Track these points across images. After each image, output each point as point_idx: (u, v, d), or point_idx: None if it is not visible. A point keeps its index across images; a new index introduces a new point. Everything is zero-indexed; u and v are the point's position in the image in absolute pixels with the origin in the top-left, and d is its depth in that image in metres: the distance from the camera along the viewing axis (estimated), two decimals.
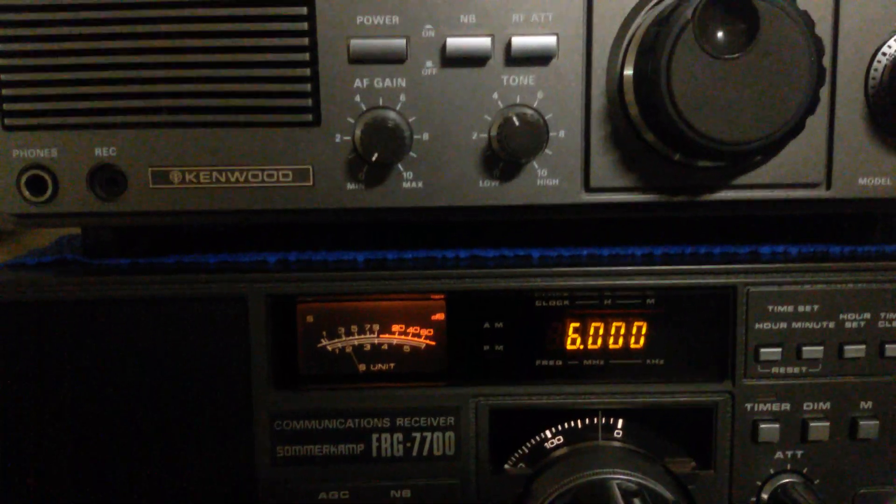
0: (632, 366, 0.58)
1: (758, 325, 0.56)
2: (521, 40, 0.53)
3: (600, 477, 0.54)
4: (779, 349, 0.56)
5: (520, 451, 0.58)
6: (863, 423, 0.57)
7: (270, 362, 0.56)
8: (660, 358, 0.57)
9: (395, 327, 0.57)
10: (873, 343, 0.57)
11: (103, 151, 0.55)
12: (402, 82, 0.54)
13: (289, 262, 0.60)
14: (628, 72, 0.53)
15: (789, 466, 0.58)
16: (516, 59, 0.54)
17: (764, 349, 0.56)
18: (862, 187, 0.56)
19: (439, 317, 0.57)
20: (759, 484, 0.58)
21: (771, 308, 0.56)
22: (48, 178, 0.55)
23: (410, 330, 0.57)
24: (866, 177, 0.56)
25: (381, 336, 0.57)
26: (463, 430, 0.57)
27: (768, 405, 0.57)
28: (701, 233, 0.66)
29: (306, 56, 0.54)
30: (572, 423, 0.58)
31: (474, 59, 0.54)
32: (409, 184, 0.55)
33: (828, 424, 0.57)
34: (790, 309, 0.56)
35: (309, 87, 0.54)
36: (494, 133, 0.54)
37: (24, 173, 0.55)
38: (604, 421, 0.58)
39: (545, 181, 0.55)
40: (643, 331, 0.57)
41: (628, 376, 0.58)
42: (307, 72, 0.54)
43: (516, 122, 0.53)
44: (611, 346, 0.57)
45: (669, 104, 0.49)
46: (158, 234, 0.63)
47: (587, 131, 0.55)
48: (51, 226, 0.58)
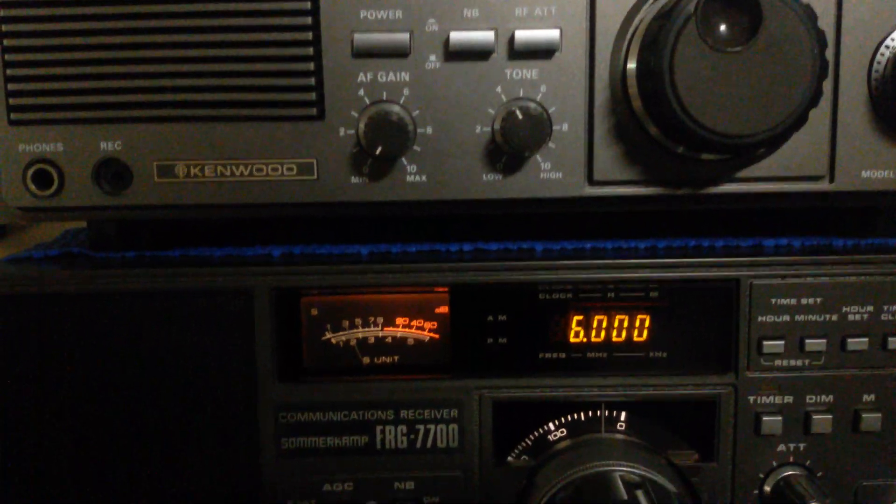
0: (635, 358, 0.58)
1: (761, 318, 0.56)
2: (525, 34, 0.53)
3: (603, 469, 0.55)
4: (782, 342, 0.57)
5: (523, 444, 0.58)
6: (865, 415, 0.57)
7: (275, 355, 0.57)
8: (663, 351, 0.58)
9: (399, 320, 0.57)
10: (876, 336, 0.57)
11: (109, 145, 0.55)
12: (405, 76, 0.54)
13: (293, 255, 0.60)
14: (631, 65, 0.53)
15: (792, 459, 0.58)
16: (519, 52, 0.54)
17: (767, 342, 0.56)
18: (865, 180, 0.56)
19: (443, 310, 0.57)
20: (761, 476, 0.58)
21: (774, 301, 0.56)
22: (54, 172, 0.55)
23: (414, 323, 0.57)
24: (869, 169, 0.56)
25: (385, 329, 0.58)
26: (466, 423, 0.58)
27: (771, 398, 0.57)
28: (704, 226, 0.66)
29: (310, 50, 0.54)
30: (575, 416, 0.58)
31: (478, 53, 0.54)
32: (412, 177, 0.55)
33: (830, 417, 0.57)
34: (793, 302, 0.56)
35: (313, 81, 0.54)
36: (498, 126, 0.54)
37: (31, 167, 0.55)
38: (607, 413, 0.58)
39: (548, 174, 0.55)
40: (646, 324, 0.57)
41: (631, 369, 0.58)
42: (311, 66, 0.54)
43: (520, 116, 0.53)
44: (614, 339, 0.58)
45: (673, 97, 0.49)
46: (164, 227, 0.64)
47: (590, 125, 0.55)
48: (57, 219, 0.58)
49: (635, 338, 0.58)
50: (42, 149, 0.55)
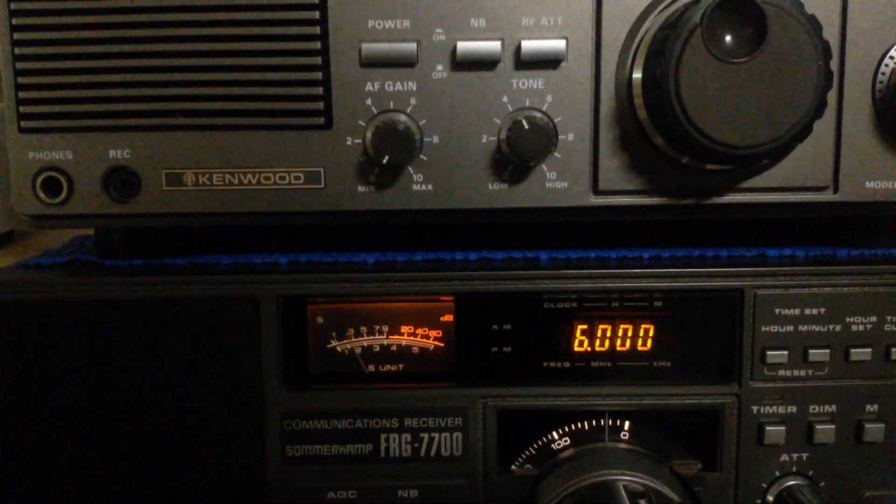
0: (639, 368, 0.58)
1: (764, 328, 0.57)
2: (531, 44, 0.54)
3: (607, 478, 0.55)
4: (785, 352, 0.57)
5: (527, 453, 0.58)
6: (868, 426, 0.57)
7: (281, 363, 0.57)
8: (667, 360, 0.58)
9: (404, 328, 0.58)
10: (879, 346, 0.57)
11: (118, 153, 0.55)
12: (412, 86, 0.54)
13: (300, 263, 0.61)
14: (637, 75, 0.53)
15: (795, 469, 0.58)
16: (526, 62, 0.54)
17: (770, 352, 0.57)
18: (869, 191, 0.56)
19: (448, 318, 0.57)
20: (764, 486, 0.58)
21: (777, 311, 0.56)
22: (63, 180, 0.55)
23: (419, 331, 0.58)
24: (873, 180, 0.56)
25: (390, 337, 0.58)
26: (470, 431, 0.58)
27: (774, 408, 0.57)
28: (708, 235, 0.67)
29: (318, 60, 0.54)
30: (579, 425, 0.58)
31: (484, 63, 0.54)
32: (419, 186, 0.56)
33: (833, 427, 0.57)
34: (797, 312, 0.56)
35: (321, 90, 0.54)
36: (504, 136, 0.54)
37: (40, 175, 0.55)
38: (610, 423, 0.58)
39: (554, 184, 0.56)
40: (650, 333, 0.57)
41: (635, 378, 0.58)
42: (319, 75, 0.54)
43: (525, 126, 0.53)
44: (618, 349, 0.58)
45: (678, 108, 0.50)
46: (171, 235, 0.64)
47: (596, 134, 0.55)
48: (65, 227, 0.58)
49: (639, 347, 0.58)
50: (52, 156, 0.55)
